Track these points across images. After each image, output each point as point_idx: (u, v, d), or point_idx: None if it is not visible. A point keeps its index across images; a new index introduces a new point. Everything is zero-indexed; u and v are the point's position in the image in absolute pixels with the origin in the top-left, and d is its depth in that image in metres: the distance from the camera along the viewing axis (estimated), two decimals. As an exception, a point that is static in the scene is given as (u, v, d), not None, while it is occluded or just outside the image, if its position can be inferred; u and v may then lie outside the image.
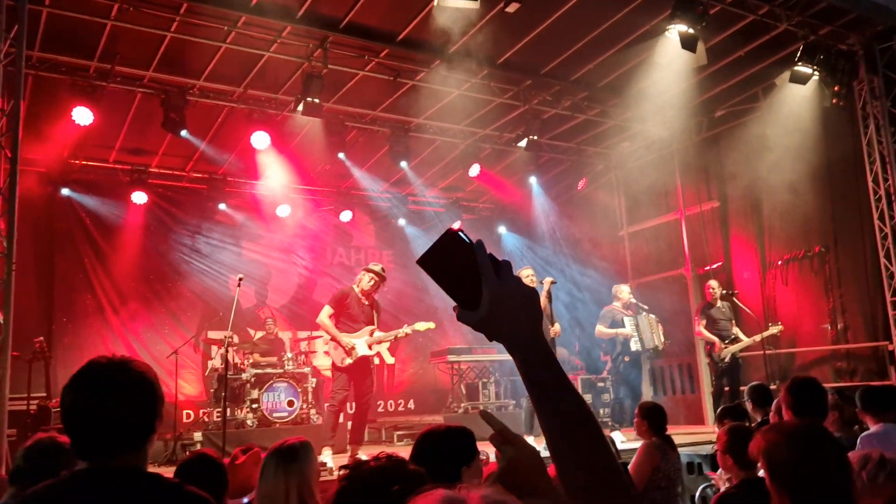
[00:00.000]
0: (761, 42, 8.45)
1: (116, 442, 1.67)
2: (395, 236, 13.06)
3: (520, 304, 1.02)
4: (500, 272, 1.02)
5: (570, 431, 1.00)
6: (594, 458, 1.00)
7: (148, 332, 10.56)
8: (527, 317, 1.02)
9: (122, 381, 1.69)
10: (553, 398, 1.01)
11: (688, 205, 11.04)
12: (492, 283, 1.00)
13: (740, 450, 2.95)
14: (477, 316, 1.01)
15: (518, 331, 1.02)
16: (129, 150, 10.20)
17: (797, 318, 9.50)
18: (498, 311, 1.00)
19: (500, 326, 1.01)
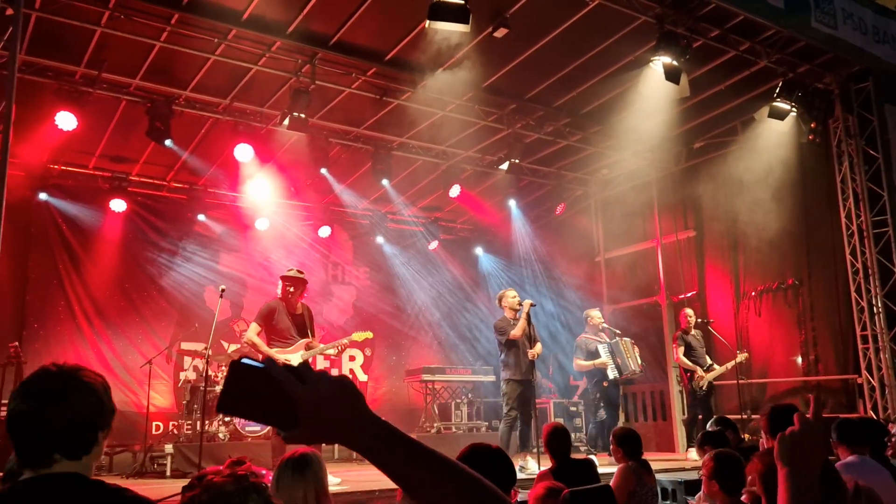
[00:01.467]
0: (742, 77, 8.68)
1: (57, 450, 1.67)
2: (373, 253, 13.06)
3: (333, 398, 0.98)
4: (303, 377, 0.98)
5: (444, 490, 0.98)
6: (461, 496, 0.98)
7: (120, 340, 10.40)
8: (347, 406, 0.98)
9: (67, 389, 1.69)
10: (410, 467, 0.98)
11: (664, 233, 11.22)
12: (298, 393, 0.96)
13: (726, 476, 3.00)
14: (301, 433, 0.97)
15: (345, 424, 0.98)
16: (111, 157, 10.10)
17: (769, 348, 9.67)
18: (318, 414, 0.96)
19: (325, 429, 0.98)
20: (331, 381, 0.99)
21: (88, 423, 1.71)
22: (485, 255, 13.93)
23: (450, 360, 12.85)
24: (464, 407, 11.27)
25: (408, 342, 12.96)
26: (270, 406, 0.97)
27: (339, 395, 0.98)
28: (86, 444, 1.71)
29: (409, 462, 0.98)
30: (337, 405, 0.97)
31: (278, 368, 0.97)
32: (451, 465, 1.00)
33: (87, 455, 1.72)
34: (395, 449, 0.99)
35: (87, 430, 1.71)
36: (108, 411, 1.75)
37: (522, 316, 7.62)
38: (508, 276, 13.16)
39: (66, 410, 1.67)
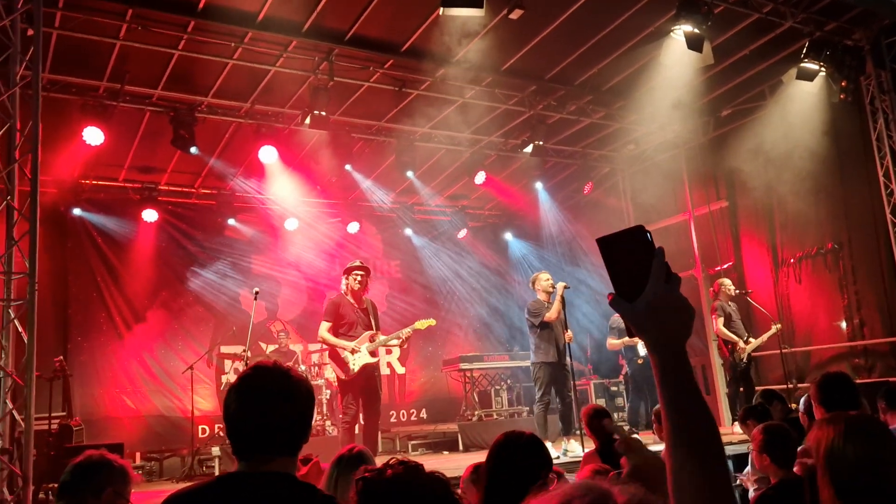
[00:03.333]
0: (767, 40, 8.46)
1: (276, 445, 1.72)
2: (403, 246, 13.08)
3: (677, 313, 1.07)
4: (671, 281, 1.07)
5: (689, 440, 1.03)
6: (706, 471, 1.02)
7: (161, 348, 10.58)
8: (680, 326, 1.07)
9: (285, 387, 1.75)
10: (680, 405, 1.04)
11: (696, 205, 11.03)
12: (659, 286, 1.05)
13: (777, 449, 2.94)
14: (632, 308, 1.06)
15: (667, 335, 1.06)
16: (139, 168, 10.25)
17: (812, 315, 9.47)
18: (656, 311, 1.05)
19: (653, 325, 1.06)
20: (684, 301, 1.08)
21: (305, 420, 1.78)
22: (515, 240, 13.86)
23: (486, 347, 12.84)
24: (503, 393, 11.27)
25: (443, 332, 12.96)
26: (628, 272, 1.06)
27: (682, 313, 1.07)
28: (302, 438, 1.78)
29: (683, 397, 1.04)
30: (675, 315, 1.06)
31: (662, 259, 1.07)
32: (712, 428, 1.05)
33: (299, 449, 1.79)
34: (683, 377, 1.05)
35: (304, 427, 1.79)
36: (314, 406, 1.84)
37: (557, 298, 7.56)
38: (540, 259, 13.07)
39: (286, 407, 1.73)
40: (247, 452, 1.72)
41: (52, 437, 6.34)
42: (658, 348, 1.06)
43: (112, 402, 10.09)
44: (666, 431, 1.03)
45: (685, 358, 1.06)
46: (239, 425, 1.73)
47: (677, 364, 1.06)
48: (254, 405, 1.72)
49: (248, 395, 1.74)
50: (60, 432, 6.41)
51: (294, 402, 1.75)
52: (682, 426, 1.03)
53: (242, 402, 1.73)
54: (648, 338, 1.07)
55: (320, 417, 9.18)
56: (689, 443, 1.02)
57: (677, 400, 1.05)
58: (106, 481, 2.52)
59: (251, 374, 1.78)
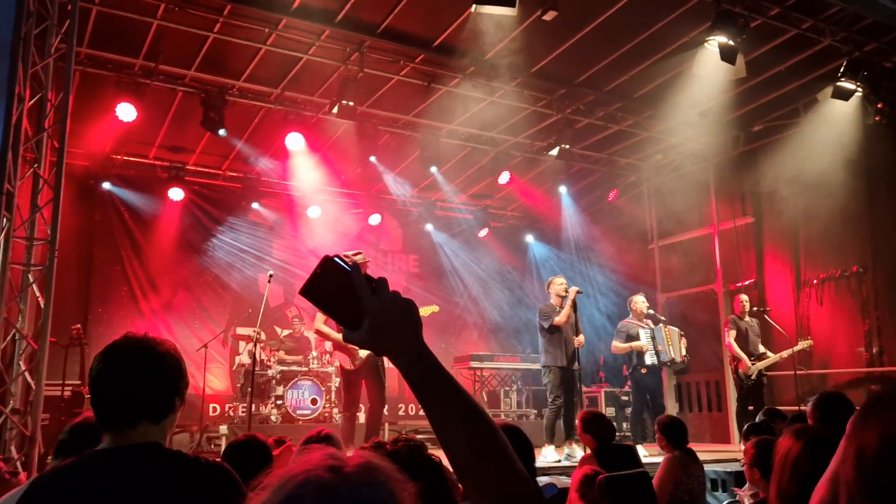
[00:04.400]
0: (803, 57, 8.34)
1: (137, 414, 1.73)
2: (423, 241, 13.11)
3: (398, 315, 1.06)
4: (377, 290, 1.06)
5: (464, 435, 1.03)
6: (493, 460, 1.02)
7: (179, 324, 10.74)
8: (407, 327, 1.06)
9: (147, 356, 1.76)
10: (441, 404, 1.04)
11: (721, 220, 10.91)
12: (368, 302, 1.04)
13: (769, 463, 2.91)
14: (360, 335, 1.05)
15: (400, 341, 1.06)
16: (168, 147, 10.41)
17: (831, 338, 9.32)
18: (378, 325, 1.04)
19: (383, 339, 1.05)
20: (399, 299, 1.07)
21: (167, 389, 1.78)
22: (535, 243, 13.83)
23: (498, 347, 12.83)
24: (513, 394, 11.27)
25: (456, 329, 12.98)
26: (342, 304, 1.06)
27: (404, 315, 1.06)
28: (166, 407, 1.77)
29: (444, 395, 1.05)
30: (399, 322, 1.06)
31: (360, 276, 1.06)
32: (481, 412, 1.05)
33: (166, 419, 1.78)
34: (435, 379, 1.05)
35: (167, 394, 1.78)
36: (183, 380, 1.83)
37: (568, 303, 7.53)
38: (559, 263, 13.03)
39: (145, 376, 1.74)
40: (108, 421, 1.74)
41: (64, 402, 6.48)
42: (400, 358, 1.06)
43: None
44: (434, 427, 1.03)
45: (425, 352, 1.06)
46: (100, 390, 1.75)
47: (423, 364, 1.05)
48: (112, 371, 1.74)
49: (108, 363, 1.76)
50: (72, 399, 6.55)
51: (153, 368, 1.75)
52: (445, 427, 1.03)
53: (102, 369, 1.75)
54: (389, 353, 1.06)
55: (328, 404, 9.26)
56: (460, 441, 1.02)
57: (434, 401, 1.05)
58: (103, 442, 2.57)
59: (115, 343, 1.80)
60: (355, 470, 0.75)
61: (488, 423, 1.05)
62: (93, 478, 1.66)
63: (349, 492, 0.73)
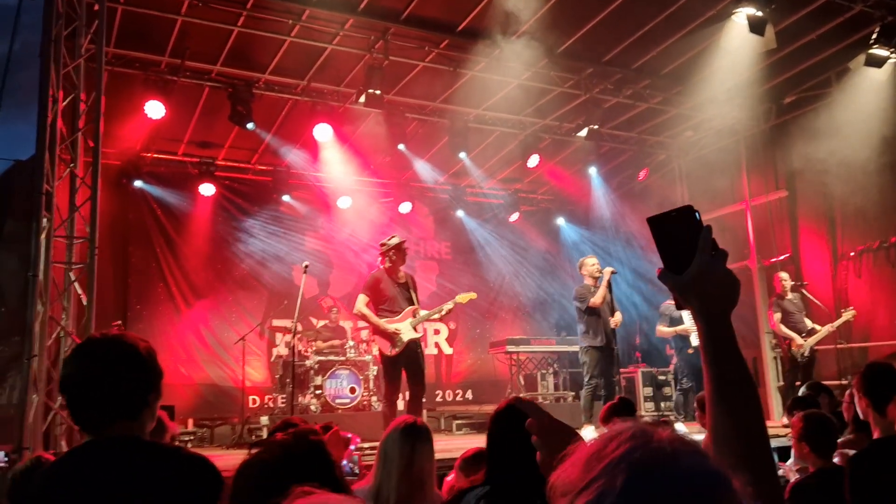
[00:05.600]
0: (834, 24, 8.13)
1: (112, 413, 1.74)
2: (454, 227, 13.11)
3: (722, 283, 1.11)
4: (717, 256, 1.12)
5: (736, 409, 1.08)
6: (752, 437, 1.07)
7: (216, 319, 10.90)
8: (725, 295, 1.12)
9: (116, 354, 1.78)
10: (721, 367, 1.09)
11: (754, 195, 10.73)
12: (705, 259, 1.10)
13: (817, 437, 2.88)
14: (679, 279, 1.11)
15: (712, 303, 1.11)
16: (198, 143, 10.54)
17: (871, 311, 9.14)
18: (702, 282, 1.10)
19: (699, 293, 1.11)
20: (730, 274, 1.12)
21: (135, 384, 1.79)
22: (567, 225, 13.74)
23: (534, 330, 12.81)
24: (549, 377, 11.24)
25: (491, 314, 12.99)
26: (677, 247, 1.12)
27: (727, 283, 1.11)
28: (137, 402, 1.79)
29: (735, 370, 1.09)
30: (722, 288, 1.11)
31: (709, 235, 1.11)
32: (759, 404, 1.11)
33: (141, 415, 1.80)
34: (730, 354, 1.10)
35: (140, 391, 1.79)
36: (153, 373, 1.84)
37: (603, 283, 7.50)
38: (591, 245, 12.93)
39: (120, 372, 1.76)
40: (85, 421, 1.76)
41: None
42: (703, 315, 1.11)
43: (167, 369, 10.08)
44: (707, 392, 1.08)
45: (728, 324, 1.11)
46: (71, 392, 1.77)
47: (721, 329, 1.10)
48: (83, 373, 1.76)
49: (79, 364, 1.78)
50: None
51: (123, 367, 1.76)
52: (722, 387, 1.08)
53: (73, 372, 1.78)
54: (694, 305, 1.11)
55: (367, 393, 9.34)
56: (729, 402, 1.08)
57: (719, 361, 1.09)
58: None
59: (82, 344, 1.83)
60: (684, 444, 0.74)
61: (758, 405, 1.10)
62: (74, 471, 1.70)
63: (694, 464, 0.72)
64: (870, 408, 2.84)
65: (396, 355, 6.72)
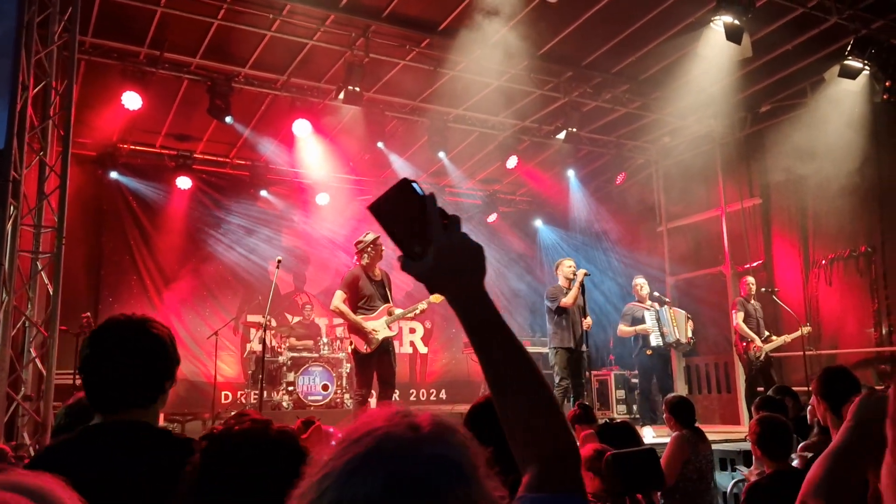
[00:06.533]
0: (810, 36, 8.25)
1: (128, 398, 1.73)
2: (432, 227, 13.10)
3: (465, 257, 1.02)
4: (449, 226, 1.02)
5: (513, 385, 1.00)
6: (539, 410, 1.00)
7: (189, 313, 10.82)
8: (472, 268, 1.02)
9: (135, 338, 1.76)
10: (494, 351, 1.01)
11: (729, 201, 10.85)
12: (439, 236, 1.00)
13: (771, 441, 2.93)
14: (421, 266, 1.00)
15: (461, 283, 1.02)
16: (175, 135, 10.44)
17: (841, 319, 9.29)
18: (444, 260, 1.00)
19: (443, 278, 1.01)
20: (468, 241, 1.03)
21: (156, 372, 1.78)
22: (544, 227, 13.81)
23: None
24: (523, 378, 11.29)
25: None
26: (410, 231, 1.01)
27: (470, 255, 1.02)
28: (155, 391, 1.78)
29: (500, 342, 1.01)
30: (465, 262, 1.01)
31: (434, 205, 1.01)
32: (534, 365, 1.02)
33: (155, 403, 1.79)
34: (492, 325, 1.02)
35: (158, 379, 1.78)
36: (174, 361, 1.83)
37: (576, 285, 7.54)
38: (568, 247, 13.01)
39: (136, 357, 1.74)
40: (101, 404, 1.74)
41: (76, 390, 6.54)
42: (459, 299, 1.02)
43: None
44: (487, 380, 1.01)
45: (488, 301, 1.02)
46: (90, 375, 1.75)
47: (482, 309, 1.02)
48: (103, 357, 1.73)
49: (99, 347, 1.75)
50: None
51: (143, 353, 1.74)
52: (499, 372, 1.00)
53: (92, 354, 1.75)
54: (446, 291, 1.02)
55: (339, 390, 9.32)
56: (510, 387, 1.00)
57: (490, 348, 1.01)
58: None
59: (103, 327, 1.78)
60: (433, 429, 0.73)
61: (540, 376, 1.02)
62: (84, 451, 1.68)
63: (428, 449, 0.71)
64: (828, 411, 2.89)
65: (370, 353, 6.72)
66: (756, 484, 2.88)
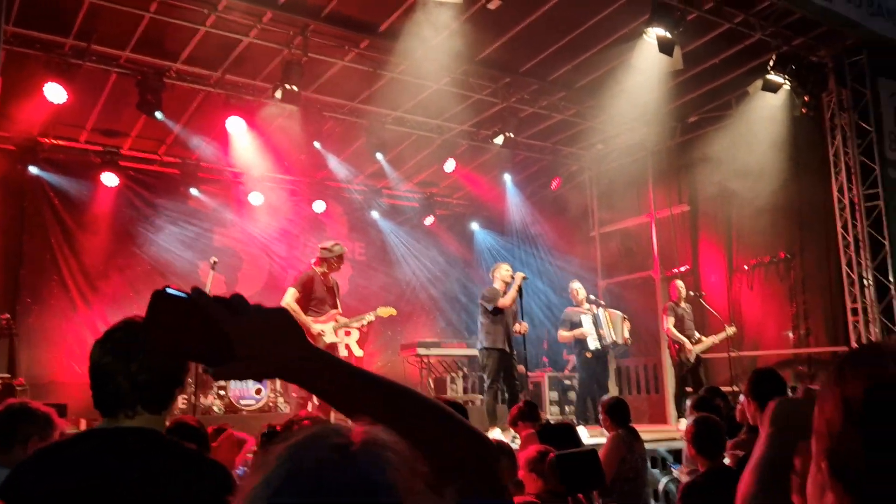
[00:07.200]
0: (736, 50, 8.63)
1: (140, 402, 1.68)
2: (368, 229, 13.05)
3: (273, 328, 0.92)
4: (236, 309, 0.90)
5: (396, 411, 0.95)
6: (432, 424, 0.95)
7: (115, 315, 10.17)
8: (288, 337, 0.93)
9: None
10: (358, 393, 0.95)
11: (659, 208, 11.22)
12: (232, 326, 0.89)
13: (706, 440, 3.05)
14: (237, 367, 0.90)
15: (286, 354, 0.92)
16: (102, 130, 10.04)
17: (762, 322, 9.73)
18: (253, 349, 0.90)
19: (265, 362, 0.92)
20: (266, 311, 0.92)
21: (171, 378, 1.73)
22: (480, 231, 13.94)
23: (444, 334, 12.90)
24: (459, 380, 11.34)
25: (403, 317, 12.95)
26: (201, 340, 0.88)
27: (277, 326, 0.92)
28: (166, 398, 1.72)
29: (355, 384, 0.95)
30: (274, 336, 0.91)
31: (207, 299, 0.89)
32: (401, 387, 0.96)
33: (165, 410, 1.73)
34: (335, 370, 0.94)
35: (169, 385, 1.73)
36: (186, 368, 1.79)
37: (514, 287, 7.64)
38: (504, 251, 13.17)
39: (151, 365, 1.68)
40: (108, 408, 1.68)
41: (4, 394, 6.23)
42: (294, 370, 0.94)
43: (60, 366, 9.87)
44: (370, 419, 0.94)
45: (323, 355, 0.95)
46: (101, 379, 1.68)
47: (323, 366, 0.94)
48: (117, 359, 1.67)
49: (112, 349, 1.69)
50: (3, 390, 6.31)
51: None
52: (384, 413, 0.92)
53: (105, 355, 1.69)
54: (279, 372, 0.94)
55: (273, 394, 9.15)
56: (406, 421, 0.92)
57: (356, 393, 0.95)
58: (31, 429, 2.50)
59: (118, 327, 1.72)
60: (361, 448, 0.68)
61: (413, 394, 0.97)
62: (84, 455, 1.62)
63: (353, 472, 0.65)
64: (758, 411, 3.03)
65: None
66: (692, 482, 2.99)
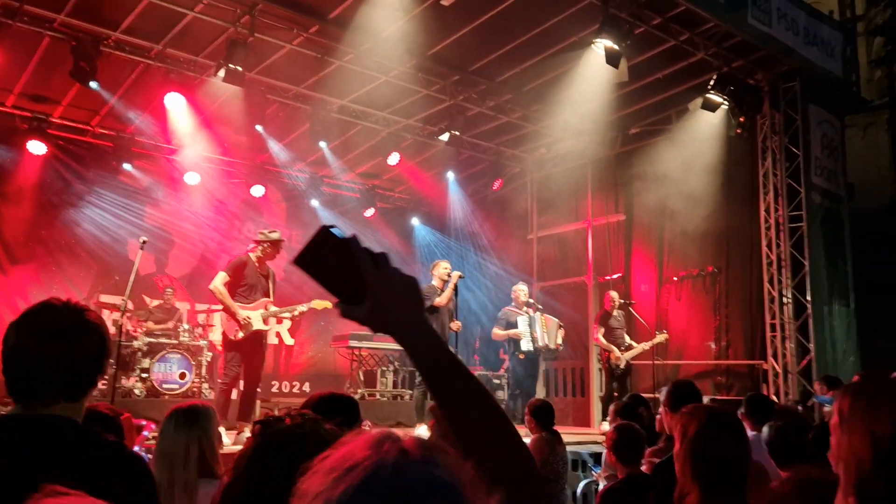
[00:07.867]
0: (679, 67, 8.86)
1: (54, 391, 1.59)
2: (307, 217, 12.85)
3: (402, 292, 1.03)
4: (379, 264, 1.02)
5: (469, 410, 1.02)
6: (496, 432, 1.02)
7: (36, 291, 9.96)
8: (410, 304, 1.03)
9: (69, 328, 1.61)
10: (446, 380, 1.03)
11: (596, 215, 11.45)
12: (372, 276, 1.01)
13: (626, 447, 3.13)
14: (361, 310, 1.01)
15: (403, 319, 1.03)
16: (30, 96, 9.59)
17: (686, 332, 10.04)
18: (381, 302, 1.01)
19: (385, 317, 1.02)
20: (401, 275, 1.03)
21: (93, 364, 1.64)
22: (421, 226, 13.93)
23: (377, 327, 12.84)
24: (389, 375, 11.34)
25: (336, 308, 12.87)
26: (340, 277, 1.01)
27: (406, 289, 1.03)
28: (87, 385, 1.64)
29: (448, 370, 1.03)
30: (403, 298, 1.02)
31: (360, 246, 1.01)
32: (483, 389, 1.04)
33: (84, 397, 1.65)
34: (438, 355, 1.03)
35: (90, 371, 1.64)
36: (108, 355, 1.70)
37: (450, 286, 7.68)
38: (443, 248, 13.21)
39: (74, 349, 1.59)
40: (22, 394, 1.60)
41: None
42: (406, 336, 1.03)
43: None
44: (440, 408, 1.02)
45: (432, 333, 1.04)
46: (15, 364, 1.59)
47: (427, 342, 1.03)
48: (34, 342, 1.58)
49: (29, 332, 1.60)
50: None
51: (80, 343, 1.61)
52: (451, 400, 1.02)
53: (21, 339, 1.59)
54: (390, 331, 1.03)
55: (198, 379, 8.94)
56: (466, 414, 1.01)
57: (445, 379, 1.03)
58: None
59: (36, 310, 1.63)
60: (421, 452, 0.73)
61: (491, 398, 1.04)
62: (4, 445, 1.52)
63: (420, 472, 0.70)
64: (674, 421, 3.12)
65: (240, 341, 6.65)
66: (610, 488, 3.06)
